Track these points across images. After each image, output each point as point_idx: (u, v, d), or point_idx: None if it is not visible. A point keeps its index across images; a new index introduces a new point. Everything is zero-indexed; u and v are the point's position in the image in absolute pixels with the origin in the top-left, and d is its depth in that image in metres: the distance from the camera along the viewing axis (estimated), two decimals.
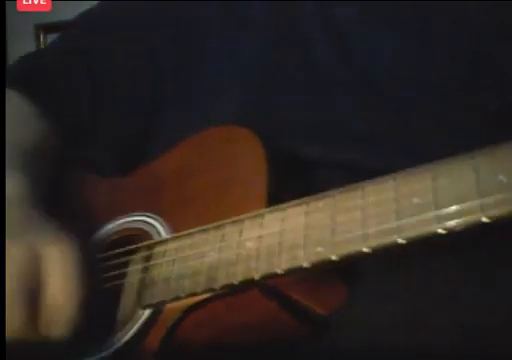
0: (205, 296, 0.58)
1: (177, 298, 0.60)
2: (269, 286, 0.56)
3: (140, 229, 0.68)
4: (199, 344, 0.60)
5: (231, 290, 0.57)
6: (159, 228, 0.66)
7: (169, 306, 0.61)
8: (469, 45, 0.63)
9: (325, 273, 0.56)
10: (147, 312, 0.62)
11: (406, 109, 0.64)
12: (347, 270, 0.58)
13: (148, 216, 0.68)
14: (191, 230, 0.62)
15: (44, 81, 0.79)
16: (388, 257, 0.52)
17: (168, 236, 0.64)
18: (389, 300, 0.58)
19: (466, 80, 0.63)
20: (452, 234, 0.45)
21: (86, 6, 0.85)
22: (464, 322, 0.55)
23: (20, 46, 1.97)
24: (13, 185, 0.65)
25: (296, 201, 0.55)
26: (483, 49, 0.63)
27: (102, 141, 0.79)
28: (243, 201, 0.60)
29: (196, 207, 0.64)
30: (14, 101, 0.76)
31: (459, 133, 0.62)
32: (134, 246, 0.66)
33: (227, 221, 0.59)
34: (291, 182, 0.63)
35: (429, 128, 0.63)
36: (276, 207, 0.57)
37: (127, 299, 0.65)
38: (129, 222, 0.69)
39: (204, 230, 0.61)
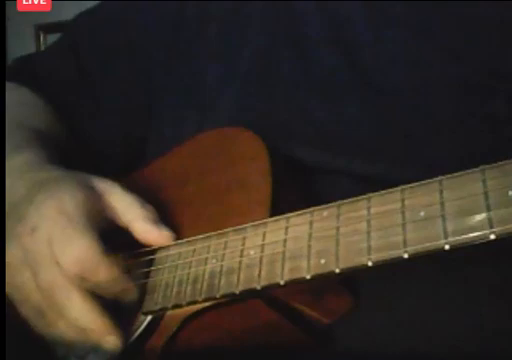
0: (206, 305, 0.58)
1: (178, 306, 0.59)
2: (271, 296, 0.56)
3: None
4: (200, 348, 0.59)
5: (232, 299, 0.56)
6: None
7: (170, 313, 0.60)
8: (472, 46, 0.63)
9: (329, 281, 0.56)
10: (148, 318, 0.62)
11: (406, 110, 0.64)
12: (350, 278, 0.57)
13: None
14: (194, 237, 0.61)
15: (44, 81, 0.79)
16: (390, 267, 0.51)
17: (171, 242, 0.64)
18: (390, 304, 0.58)
19: (469, 82, 0.62)
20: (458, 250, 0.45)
21: (86, 6, 0.85)
22: (465, 326, 0.55)
23: (20, 46, 1.98)
24: (34, 153, 0.66)
25: (300, 211, 0.55)
26: (486, 50, 0.63)
27: (101, 141, 0.79)
28: (247, 206, 0.60)
29: (199, 212, 0.64)
30: (25, 96, 0.77)
31: (460, 135, 0.62)
32: (137, 250, 0.66)
33: (230, 229, 0.59)
34: (290, 185, 0.63)
35: (431, 131, 0.63)
36: (280, 216, 0.56)
37: (129, 304, 0.65)
38: None
39: (207, 237, 0.60)
